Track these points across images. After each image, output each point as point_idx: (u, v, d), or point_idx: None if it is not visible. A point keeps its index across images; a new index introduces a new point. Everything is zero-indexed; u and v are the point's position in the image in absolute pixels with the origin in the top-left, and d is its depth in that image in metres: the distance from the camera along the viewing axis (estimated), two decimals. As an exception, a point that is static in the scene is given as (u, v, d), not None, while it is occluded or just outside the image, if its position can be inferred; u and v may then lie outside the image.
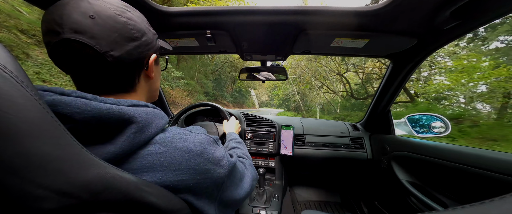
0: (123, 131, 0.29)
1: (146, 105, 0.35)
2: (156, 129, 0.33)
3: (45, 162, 0.19)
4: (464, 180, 0.72)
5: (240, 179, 0.47)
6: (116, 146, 0.28)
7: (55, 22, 0.28)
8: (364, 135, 1.33)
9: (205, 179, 0.34)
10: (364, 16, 0.64)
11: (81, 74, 0.32)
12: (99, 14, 0.29)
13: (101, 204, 0.22)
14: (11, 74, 0.19)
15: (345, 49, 0.90)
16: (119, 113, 0.28)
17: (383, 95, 1.13)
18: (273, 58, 1.05)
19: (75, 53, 0.28)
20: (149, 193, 0.27)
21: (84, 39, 0.28)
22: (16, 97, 0.18)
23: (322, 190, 1.65)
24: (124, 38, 0.31)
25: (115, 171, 0.25)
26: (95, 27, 0.28)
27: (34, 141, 0.18)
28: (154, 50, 0.39)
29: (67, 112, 0.25)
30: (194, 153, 0.34)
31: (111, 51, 0.30)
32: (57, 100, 0.25)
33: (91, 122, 0.26)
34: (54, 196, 0.19)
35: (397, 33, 0.72)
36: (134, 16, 0.34)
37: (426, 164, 0.87)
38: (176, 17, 0.69)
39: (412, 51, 0.85)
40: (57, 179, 0.19)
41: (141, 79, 0.38)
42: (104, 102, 0.28)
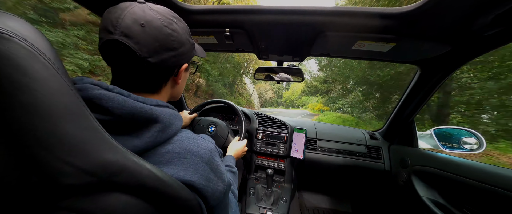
0: (149, 128, 0.32)
1: (168, 106, 0.38)
2: (175, 130, 0.36)
3: (73, 142, 0.21)
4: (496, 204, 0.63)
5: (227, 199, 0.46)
6: (142, 141, 0.31)
7: (111, 23, 0.31)
8: (382, 145, 1.25)
9: (207, 187, 0.36)
10: (391, 19, 0.60)
11: (120, 71, 0.36)
12: (149, 23, 0.32)
13: (117, 185, 0.25)
14: (49, 62, 0.21)
15: (367, 53, 0.85)
16: (149, 112, 0.32)
17: (407, 103, 1.05)
18: (290, 59, 1.03)
19: (119, 52, 0.32)
20: (160, 181, 0.28)
21: (129, 43, 0.31)
22: (53, 82, 0.21)
23: (332, 198, 1.59)
24: (163, 48, 0.34)
25: (132, 157, 0.27)
26: (142, 35, 0.32)
27: (66, 123, 0.21)
28: (188, 59, 0.42)
29: (109, 106, 0.29)
30: (203, 159, 0.36)
31: (149, 57, 0.33)
32: (103, 94, 0.29)
33: (125, 117, 0.30)
34: (77, 173, 0.21)
35: (428, 38, 0.66)
36: (178, 27, 0.37)
37: (453, 183, 0.79)
38: (197, 14, 0.71)
39: (444, 59, 0.77)
40: (81, 158, 0.21)
41: (167, 84, 0.41)
42: (136, 100, 0.32)
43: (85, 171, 0.22)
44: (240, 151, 0.88)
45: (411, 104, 1.02)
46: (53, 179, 0.20)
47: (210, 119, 1.03)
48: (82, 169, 0.21)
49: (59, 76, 0.21)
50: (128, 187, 0.25)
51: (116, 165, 0.24)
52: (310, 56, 0.96)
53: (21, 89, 0.18)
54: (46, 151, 0.19)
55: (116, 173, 0.24)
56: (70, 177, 0.21)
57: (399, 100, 1.11)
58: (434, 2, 0.51)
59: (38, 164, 0.19)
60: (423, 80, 0.92)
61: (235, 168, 0.72)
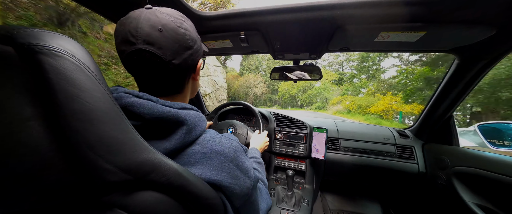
0: (176, 131, 0.34)
1: (192, 108, 0.39)
2: (200, 131, 0.38)
3: (113, 143, 0.24)
4: None
5: (256, 202, 0.48)
6: (171, 143, 0.33)
7: (131, 34, 0.32)
8: (415, 144, 1.13)
9: (235, 185, 0.37)
10: (421, 5, 0.54)
11: (146, 77, 0.37)
12: (165, 27, 0.33)
13: (149, 183, 0.27)
14: (92, 74, 0.24)
15: (393, 44, 0.78)
16: (176, 116, 0.33)
17: (443, 97, 0.93)
18: (307, 57, 1.00)
19: (145, 60, 0.33)
20: (185, 179, 0.31)
21: (153, 50, 0.32)
22: (96, 91, 0.23)
23: (359, 200, 1.49)
24: (182, 48, 0.36)
25: (162, 157, 0.29)
26: (162, 39, 0.33)
27: (107, 126, 0.23)
28: (201, 55, 0.43)
29: (140, 112, 0.31)
30: (228, 158, 0.37)
31: (173, 59, 0.35)
32: (134, 102, 0.31)
33: (155, 122, 0.32)
34: (117, 171, 0.24)
35: (466, 21, 0.58)
36: (188, 26, 0.38)
37: (504, 185, 0.68)
38: (213, 20, 0.74)
39: (487, 45, 0.67)
40: (120, 157, 0.24)
41: (189, 82, 0.44)
42: (164, 105, 0.34)
43: (124, 170, 0.24)
44: (262, 143, 0.91)
45: (448, 97, 0.91)
46: (98, 177, 0.23)
47: (227, 122, 1.06)
48: (121, 168, 0.24)
49: (100, 86, 0.24)
50: (159, 185, 0.28)
51: (148, 164, 0.26)
52: (328, 52, 0.92)
53: (72, 98, 0.21)
54: (93, 152, 0.22)
55: (149, 172, 0.26)
56: (112, 175, 0.23)
57: (433, 94, 1.00)
58: None
59: (87, 164, 0.22)
60: (462, 70, 0.81)
61: (261, 159, 0.75)
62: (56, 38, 0.22)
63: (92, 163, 0.22)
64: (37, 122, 0.20)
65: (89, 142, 0.22)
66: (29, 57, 0.20)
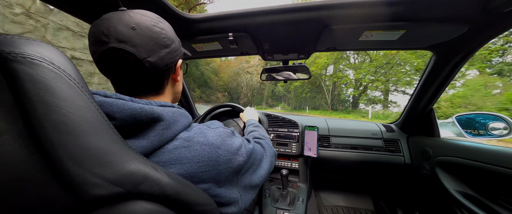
0: (153, 127, 0.33)
1: (173, 105, 0.38)
2: (181, 127, 0.37)
3: (100, 154, 0.22)
4: None
5: (259, 160, 0.51)
6: (148, 140, 0.32)
7: (103, 33, 0.32)
8: (400, 137, 1.19)
9: (227, 169, 0.38)
10: (399, 4, 0.57)
11: (122, 78, 0.36)
12: (139, 25, 0.33)
13: (141, 193, 0.26)
14: (74, 82, 0.23)
15: (376, 43, 0.82)
16: (150, 111, 0.32)
17: (423, 92, 0.99)
18: (295, 57, 1.02)
19: (118, 59, 0.33)
20: (180, 187, 0.29)
21: (127, 47, 0.32)
22: (78, 100, 0.22)
23: (351, 195, 1.54)
24: (158, 46, 0.36)
25: (152, 165, 0.28)
26: (136, 37, 0.33)
27: (92, 137, 0.22)
28: (180, 56, 0.43)
29: (109, 111, 0.30)
30: (214, 145, 0.37)
31: (148, 57, 0.34)
32: (102, 101, 0.30)
33: (127, 119, 0.30)
34: (106, 184, 0.22)
35: (441, 20, 0.63)
36: (165, 26, 0.38)
37: (482, 172, 0.73)
38: (201, 23, 0.73)
39: (461, 41, 0.72)
40: (108, 169, 0.23)
41: (169, 82, 0.43)
42: (138, 102, 0.32)
43: (113, 182, 0.23)
44: (252, 113, 0.93)
45: (428, 92, 0.97)
46: (84, 191, 0.21)
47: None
48: (110, 180, 0.23)
49: (83, 94, 0.23)
50: (151, 195, 0.26)
51: (139, 174, 0.25)
52: (316, 51, 0.94)
53: (52, 109, 0.20)
54: (76, 165, 0.21)
55: (140, 182, 0.25)
56: (100, 188, 0.22)
57: (415, 89, 1.05)
58: None
59: (71, 178, 0.21)
60: (439, 66, 0.87)
61: (258, 123, 0.78)
62: (32, 45, 0.21)
63: (77, 177, 0.21)
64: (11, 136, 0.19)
65: (73, 155, 0.20)
66: (2, 66, 0.18)
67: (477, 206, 0.73)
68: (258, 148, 0.52)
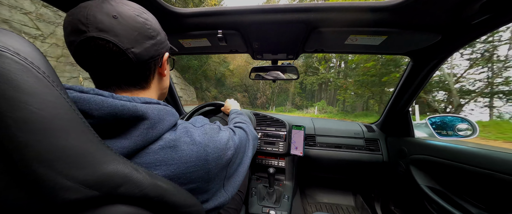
0: (136, 126, 0.30)
1: (158, 102, 0.36)
2: (168, 126, 0.34)
3: (73, 155, 0.20)
4: (494, 188, 0.65)
5: (245, 147, 0.50)
6: (130, 140, 0.29)
7: (81, 22, 0.29)
8: (379, 137, 1.27)
9: (216, 166, 0.37)
10: (382, 11, 0.61)
11: (102, 71, 0.33)
12: (121, 14, 0.31)
13: (120, 197, 0.24)
14: (44, 75, 0.21)
15: (360, 47, 0.86)
16: (133, 109, 0.29)
17: (401, 95, 1.06)
18: (284, 57, 1.03)
19: (99, 50, 0.30)
20: (163, 188, 0.28)
21: (108, 37, 0.30)
22: (48, 95, 0.20)
23: (334, 192, 1.60)
24: (143, 37, 0.33)
25: (132, 166, 0.26)
26: (118, 26, 0.30)
27: (64, 136, 0.20)
28: (166, 49, 0.41)
29: (86, 109, 0.27)
30: (202, 144, 0.36)
31: (132, 48, 0.32)
32: (77, 97, 0.27)
33: (107, 118, 0.28)
34: (80, 187, 0.20)
35: (418, 28, 0.68)
36: (149, 17, 0.36)
37: (449, 169, 0.81)
38: (189, 18, 0.71)
39: (435, 48, 0.79)
40: (83, 171, 0.21)
41: (155, 76, 0.40)
42: (119, 99, 0.30)
43: (87, 185, 0.21)
44: (233, 103, 0.94)
45: (405, 94, 1.04)
46: (55, 195, 0.20)
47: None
48: (84, 183, 0.21)
49: (54, 89, 0.21)
50: (131, 198, 0.25)
51: (118, 176, 0.24)
52: (304, 53, 0.97)
53: (16, 105, 0.18)
54: (46, 167, 0.19)
55: (119, 185, 0.23)
56: (72, 192, 0.20)
57: (394, 92, 1.13)
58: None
59: (39, 181, 0.19)
60: (416, 71, 0.94)
61: (241, 111, 0.79)
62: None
63: (46, 180, 0.19)
64: None
65: (42, 157, 0.18)
66: None
67: (444, 200, 0.80)
68: (242, 134, 0.52)
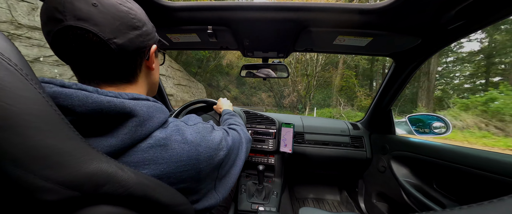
0: (124, 124, 0.29)
1: (147, 98, 0.34)
2: (157, 123, 0.33)
3: (49, 154, 0.19)
4: (463, 181, 0.72)
5: (237, 149, 0.49)
6: (117, 139, 0.28)
7: (57, 10, 0.27)
8: (364, 134, 1.33)
9: (208, 166, 0.36)
10: (368, 14, 0.63)
11: (83, 63, 0.31)
12: (102, 2, 0.29)
13: (103, 197, 0.23)
14: (16, 67, 0.19)
15: (347, 47, 0.89)
16: (120, 106, 0.28)
17: (384, 94, 1.12)
18: (275, 55, 1.04)
19: (78, 40, 0.28)
20: (150, 187, 0.27)
21: (87, 26, 0.28)
22: (21, 90, 0.18)
23: (320, 187, 1.66)
24: (126, 26, 0.31)
25: (117, 165, 0.25)
26: (98, 15, 0.28)
27: (38, 134, 0.19)
28: (154, 41, 0.39)
29: (68, 104, 0.25)
30: (194, 143, 0.34)
31: (114, 38, 0.30)
32: (57, 92, 0.25)
33: (92, 115, 0.26)
34: (57, 188, 0.19)
35: (401, 32, 0.72)
36: (134, 6, 0.34)
37: (425, 164, 0.87)
38: (178, 11, 0.68)
39: (415, 50, 0.84)
40: (60, 171, 0.19)
41: (142, 70, 0.38)
42: (105, 94, 0.28)
43: (66, 185, 0.20)
44: (226, 103, 0.92)
45: (388, 94, 1.10)
46: (31, 197, 0.18)
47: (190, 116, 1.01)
48: (62, 183, 0.19)
49: (28, 83, 0.19)
50: (116, 198, 0.24)
51: (101, 175, 0.22)
52: (294, 52, 0.98)
53: None
54: (20, 168, 0.17)
55: (102, 184, 0.22)
56: (49, 193, 0.19)
57: (378, 91, 1.18)
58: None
59: (13, 182, 0.17)
60: (398, 71, 0.99)
61: (233, 112, 0.77)
62: None
63: (21, 182, 0.17)
64: None
65: (14, 156, 0.17)
66: None
67: (420, 192, 0.86)
68: (236, 135, 0.51)
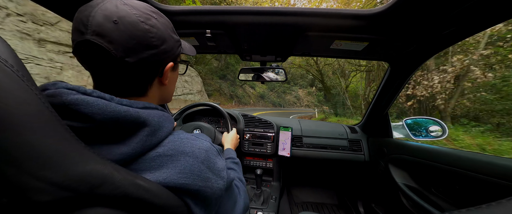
0: (136, 133, 0.30)
1: (156, 107, 0.36)
2: (166, 133, 0.34)
3: (43, 154, 0.19)
4: (461, 184, 0.72)
5: (234, 201, 0.48)
6: (129, 147, 0.29)
7: (82, 22, 0.29)
8: (362, 138, 1.33)
9: (206, 188, 0.34)
10: (364, 19, 0.65)
11: (99, 73, 0.33)
12: (122, 19, 0.30)
13: (98, 198, 0.23)
14: (12, 69, 0.19)
15: (344, 52, 0.90)
16: (135, 115, 0.30)
17: (381, 98, 1.13)
18: (273, 59, 1.05)
19: (93, 54, 0.30)
20: (145, 189, 0.27)
21: (103, 43, 0.29)
22: (16, 90, 0.19)
23: (319, 191, 1.65)
24: (142, 46, 0.32)
25: (113, 166, 0.25)
26: (115, 32, 0.29)
27: (33, 134, 0.19)
28: (173, 57, 0.39)
29: (89, 112, 0.26)
30: (198, 159, 0.35)
31: (126, 57, 0.31)
32: (80, 99, 0.26)
33: (108, 123, 0.27)
34: (51, 188, 0.19)
35: (396, 37, 0.73)
36: (158, 23, 0.34)
37: (422, 167, 0.87)
38: (177, 15, 0.69)
39: (410, 55, 0.85)
40: (54, 171, 0.19)
41: (153, 85, 0.39)
42: (120, 103, 0.30)
43: (60, 186, 0.20)
44: (234, 140, 0.92)
45: (385, 98, 1.11)
46: (24, 197, 0.18)
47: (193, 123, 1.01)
48: (56, 184, 0.19)
49: (24, 83, 0.19)
50: (110, 200, 0.24)
51: (96, 176, 0.22)
52: (292, 55, 0.99)
53: None
54: (14, 167, 0.17)
55: (97, 185, 0.22)
56: (43, 194, 0.19)
57: (375, 95, 1.19)
58: (400, 4, 0.56)
59: (6, 182, 0.17)
60: (394, 76, 1.00)
61: (237, 159, 0.73)
62: None
63: (14, 180, 0.17)
64: None
65: (9, 156, 0.17)
66: None
67: (418, 196, 0.86)
68: (236, 190, 0.50)
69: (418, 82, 5.72)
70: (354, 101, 11.10)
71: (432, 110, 6.02)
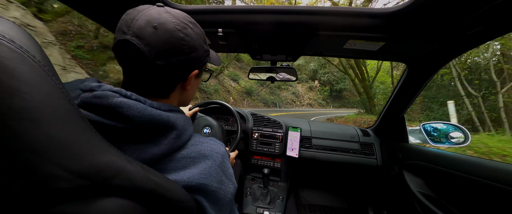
0: (166, 135, 0.33)
1: (179, 110, 0.39)
2: (189, 136, 0.38)
3: (65, 144, 0.20)
4: (485, 196, 0.67)
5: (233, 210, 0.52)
6: (159, 148, 0.32)
7: (126, 24, 0.32)
8: (374, 141, 1.28)
9: (220, 190, 0.37)
10: (380, 18, 0.62)
11: (130, 71, 0.36)
12: (162, 26, 0.32)
13: (112, 188, 0.24)
14: (39, 64, 0.21)
15: (358, 52, 0.87)
16: (166, 119, 0.33)
17: (397, 100, 1.08)
18: (284, 59, 1.04)
19: (129, 53, 0.33)
20: (157, 183, 0.28)
21: (140, 44, 0.32)
22: (43, 85, 0.20)
23: (328, 194, 1.61)
24: (173, 52, 0.34)
25: (127, 159, 0.26)
26: (153, 37, 0.32)
27: (56, 125, 0.20)
28: (200, 65, 0.41)
29: (130, 115, 0.29)
30: (215, 163, 0.38)
31: (157, 60, 0.33)
32: (123, 102, 0.29)
33: (144, 125, 0.30)
34: (70, 177, 0.20)
35: (415, 36, 0.69)
36: (193, 32, 0.37)
37: (441, 175, 0.82)
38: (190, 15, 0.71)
39: (431, 56, 0.80)
40: (74, 161, 0.21)
41: (176, 89, 0.41)
42: (152, 106, 0.32)
43: (78, 175, 0.21)
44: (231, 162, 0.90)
45: (401, 100, 1.05)
46: (45, 184, 0.20)
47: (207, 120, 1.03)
48: (75, 173, 0.21)
49: (49, 78, 0.21)
50: (124, 190, 0.25)
51: (111, 168, 0.24)
52: (303, 55, 0.97)
53: (11, 92, 0.18)
54: (38, 156, 0.19)
55: (111, 176, 0.24)
56: (62, 181, 0.20)
57: (390, 97, 1.14)
58: (420, 2, 0.53)
59: (29, 169, 0.19)
60: (412, 77, 0.95)
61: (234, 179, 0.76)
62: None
63: (36, 168, 0.19)
64: None
65: (34, 146, 0.18)
66: None
67: (436, 206, 0.81)
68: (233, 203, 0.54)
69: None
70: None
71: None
